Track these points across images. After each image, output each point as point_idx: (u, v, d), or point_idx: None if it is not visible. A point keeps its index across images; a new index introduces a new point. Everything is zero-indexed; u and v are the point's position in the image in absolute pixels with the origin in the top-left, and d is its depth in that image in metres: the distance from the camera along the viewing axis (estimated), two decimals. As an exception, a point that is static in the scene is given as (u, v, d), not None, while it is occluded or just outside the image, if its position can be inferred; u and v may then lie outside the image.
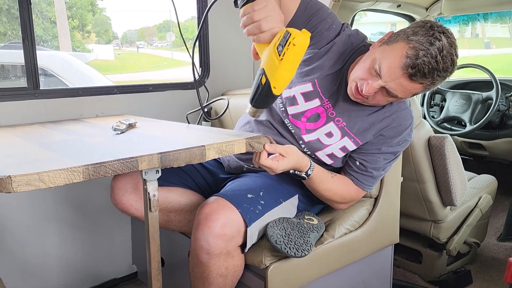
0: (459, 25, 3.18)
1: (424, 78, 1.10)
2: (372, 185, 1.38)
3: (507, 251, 2.29)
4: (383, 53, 1.15)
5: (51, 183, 0.82)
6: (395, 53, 1.12)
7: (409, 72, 1.09)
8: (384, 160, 1.34)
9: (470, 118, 2.46)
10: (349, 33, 1.33)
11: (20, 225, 1.74)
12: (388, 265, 1.66)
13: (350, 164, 1.35)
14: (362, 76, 1.18)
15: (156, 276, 1.08)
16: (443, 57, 1.08)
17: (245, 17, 0.99)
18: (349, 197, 1.38)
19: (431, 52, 1.07)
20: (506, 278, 1.25)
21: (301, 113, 1.33)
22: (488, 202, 2.08)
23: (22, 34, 1.65)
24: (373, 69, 1.15)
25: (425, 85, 1.13)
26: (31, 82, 1.69)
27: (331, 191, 1.33)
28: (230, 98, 2.03)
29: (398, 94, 1.16)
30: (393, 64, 1.11)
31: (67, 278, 1.88)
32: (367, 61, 1.18)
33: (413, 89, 1.14)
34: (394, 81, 1.13)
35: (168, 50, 15.18)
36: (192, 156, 1.01)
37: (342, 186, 1.35)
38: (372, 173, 1.34)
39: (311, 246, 1.24)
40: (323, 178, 1.30)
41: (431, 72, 1.09)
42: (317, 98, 1.31)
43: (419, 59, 1.08)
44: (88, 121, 1.66)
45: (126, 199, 1.38)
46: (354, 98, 1.24)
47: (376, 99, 1.21)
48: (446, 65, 1.10)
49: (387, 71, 1.12)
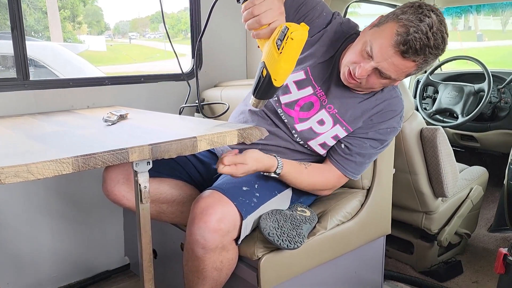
0: (452, 17, 3.19)
1: (416, 55, 1.10)
2: (355, 172, 1.36)
3: (497, 241, 2.31)
4: (373, 35, 1.15)
5: (39, 175, 0.81)
6: (386, 33, 1.12)
7: (401, 49, 1.09)
8: (371, 147, 1.33)
9: (462, 110, 2.47)
10: (341, 21, 1.33)
11: (11, 218, 1.73)
12: (380, 256, 1.67)
13: (335, 147, 1.34)
14: (354, 59, 1.19)
15: (148, 268, 1.08)
16: (434, 34, 1.09)
17: (246, 12, 1.00)
18: (330, 183, 1.38)
19: (421, 28, 1.08)
20: (496, 268, 1.27)
21: (294, 102, 1.32)
22: (479, 193, 2.10)
23: (11, 24, 1.62)
24: (364, 52, 1.16)
25: (417, 64, 1.13)
26: (21, 73, 1.66)
27: (309, 182, 1.34)
28: (223, 89, 2.02)
29: (391, 75, 1.16)
30: (384, 43, 1.12)
31: (59, 271, 1.88)
32: (358, 44, 1.19)
33: (406, 68, 1.14)
34: (386, 60, 1.13)
35: (161, 41, 15.06)
36: (183, 147, 1.00)
37: (319, 174, 1.35)
38: (356, 158, 1.33)
39: (303, 238, 1.24)
40: (295, 173, 1.30)
41: (422, 49, 1.09)
42: (309, 86, 1.31)
43: (410, 35, 1.08)
44: (79, 113, 1.65)
45: (118, 190, 1.37)
46: (348, 84, 1.24)
47: (369, 83, 1.21)
48: (437, 41, 1.10)
49: (379, 51, 1.13)
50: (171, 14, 10.76)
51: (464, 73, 2.84)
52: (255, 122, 1.39)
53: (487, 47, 11.53)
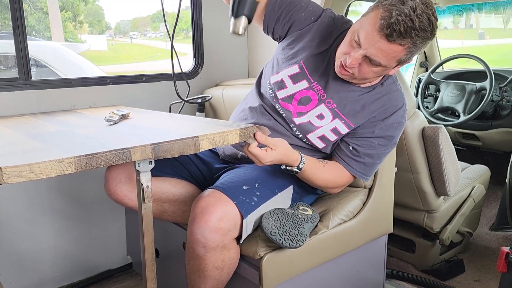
0: (453, 15, 3.18)
1: (401, 38, 1.10)
2: (365, 173, 1.36)
3: (499, 240, 2.31)
4: (360, 23, 1.17)
5: (42, 175, 0.81)
6: (370, 19, 1.13)
7: (385, 33, 1.10)
8: (379, 145, 1.33)
9: (464, 108, 2.46)
10: (333, 16, 1.36)
11: (13, 217, 1.73)
12: (382, 254, 1.67)
13: (343, 149, 1.35)
14: (345, 50, 1.20)
15: (150, 267, 1.08)
16: (418, 16, 1.08)
17: None
18: (342, 182, 1.38)
19: (404, 10, 1.08)
20: (498, 266, 1.27)
21: (291, 96, 1.33)
22: (481, 192, 2.10)
23: (13, 24, 1.63)
24: (353, 41, 1.17)
25: (406, 47, 1.13)
26: (23, 73, 1.67)
27: (325, 180, 1.34)
28: (224, 89, 2.02)
29: (380, 61, 1.16)
30: (370, 29, 1.12)
31: (61, 270, 1.88)
32: (348, 35, 1.21)
33: (394, 52, 1.14)
34: (374, 46, 1.13)
35: (162, 40, 15.05)
36: (185, 147, 1.01)
37: (335, 173, 1.35)
38: (364, 159, 1.33)
39: (305, 237, 1.24)
40: (315, 169, 1.30)
41: (408, 31, 1.09)
42: (304, 79, 1.32)
43: (393, 18, 1.08)
44: (80, 112, 1.65)
45: (120, 190, 1.37)
46: (341, 75, 1.25)
47: (362, 72, 1.21)
48: (423, 24, 1.09)
49: (365, 37, 1.14)
50: (172, 13, 10.74)
51: (466, 72, 2.83)
52: (254, 119, 1.39)
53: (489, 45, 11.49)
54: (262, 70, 1.49)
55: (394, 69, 1.24)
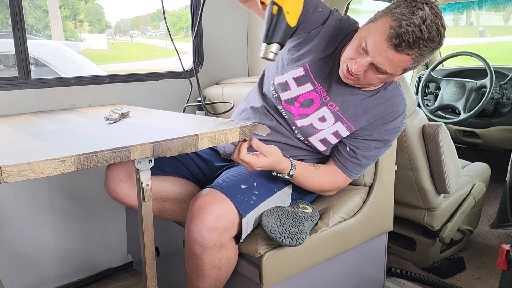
0: (453, 13, 3.17)
1: (410, 48, 1.09)
2: (359, 173, 1.37)
3: (499, 238, 2.31)
4: (368, 30, 1.15)
5: (42, 173, 0.81)
6: (379, 27, 1.12)
7: (394, 43, 1.09)
8: (375, 148, 1.33)
9: (464, 106, 2.46)
10: (339, 18, 1.34)
11: (14, 216, 1.73)
12: (382, 252, 1.67)
13: (340, 149, 1.35)
14: (351, 56, 1.19)
15: (150, 265, 1.08)
16: (427, 27, 1.07)
17: None
18: (337, 185, 1.38)
19: (413, 21, 1.07)
20: (499, 264, 1.27)
21: (294, 98, 1.32)
22: (481, 189, 2.10)
23: (12, 23, 1.62)
24: (360, 47, 1.16)
25: (413, 57, 1.12)
26: (22, 71, 1.67)
27: (318, 184, 1.34)
28: (225, 87, 2.02)
29: (387, 69, 1.15)
30: (378, 38, 1.11)
31: (62, 268, 1.88)
32: (355, 41, 1.19)
33: (401, 62, 1.13)
34: (381, 55, 1.12)
35: (162, 39, 15.04)
36: (185, 145, 1.01)
37: (328, 177, 1.35)
38: (361, 161, 1.34)
39: (305, 234, 1.24)
40: (307, 175, 1.30)
41: (416, 42, 1.08)
42: (309, 82, 1.31)
43: (402, 29, 1.07)
44: (80, 111, 1.65)
45: (120, 188, 1.37)
46: (346, 80, 1.24)
47: (367, 78, 1.21)
48: (432, 35, 1.09)
49: (373, 46, 1.13)
50: (172, 12, 10.74)
51: (466, 69, 2.82)
52: (257, 119, 1.39)
53: (489, 43, 11.48)
54: (264, 69, 1.49)
55: (399, 76, 1.24)
